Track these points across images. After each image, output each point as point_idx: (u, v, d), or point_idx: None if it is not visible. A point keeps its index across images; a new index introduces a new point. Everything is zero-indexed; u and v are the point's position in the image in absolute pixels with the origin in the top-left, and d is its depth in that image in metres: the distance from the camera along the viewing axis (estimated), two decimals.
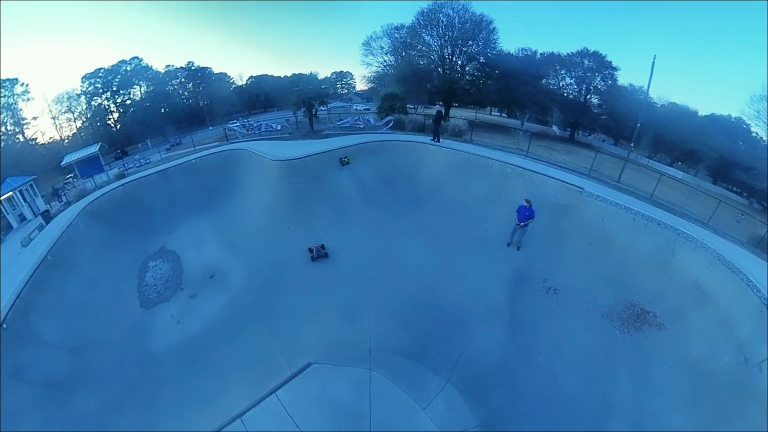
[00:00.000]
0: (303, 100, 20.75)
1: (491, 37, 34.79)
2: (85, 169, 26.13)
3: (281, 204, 13.22)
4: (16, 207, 19.25)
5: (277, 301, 9.69)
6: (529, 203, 9.58)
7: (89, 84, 47.27)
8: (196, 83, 55.52)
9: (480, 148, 14.37)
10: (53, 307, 9.68)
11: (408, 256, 10.65)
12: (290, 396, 6.10)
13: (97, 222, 14.13)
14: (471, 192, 12.30)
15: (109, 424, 7.09)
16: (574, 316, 8.34)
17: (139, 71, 50.28)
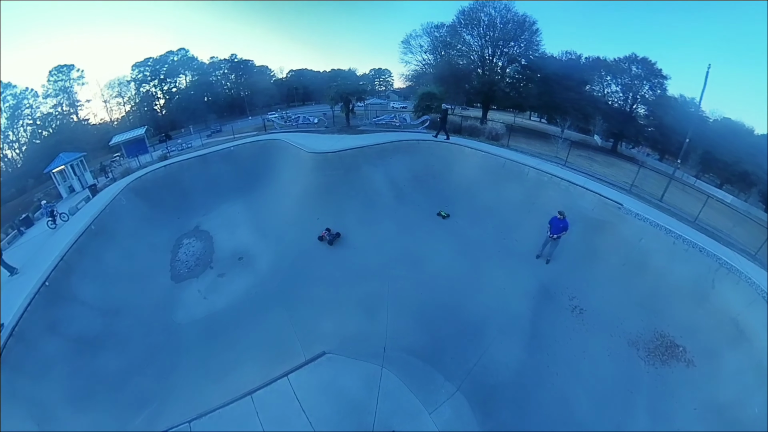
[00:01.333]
0: (341, 95, 21.22)
1: (534, 38, 33.79)
2: (131, 149, 28.27)
3: (313, 195, 13.74)
4: (67, 179, 21.41)
5: (300, 288, 10.08)
6: (562, 215, 9.23)
7: (138, 72, 52.03)
8: (238, 75, 58.70)
9: (516, 153, 13.98)
10: (92, 272, 10.66)
11: (433, 257, 10.63)
12: (301, 381, 6.26)
13: (139, 198, 15.42)
14: (504, 198, 12.05)
15: (130, 382, 7.74)
16: (598, 340, 7.94)
17: (185, 62, 54.41)
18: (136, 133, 31.22)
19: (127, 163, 24.62)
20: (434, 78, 33.90)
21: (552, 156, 15.23)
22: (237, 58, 57.92)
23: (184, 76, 54.97)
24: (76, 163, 21.94)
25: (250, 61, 59.34)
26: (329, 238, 11.88)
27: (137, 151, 26.34)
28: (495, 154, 13.17)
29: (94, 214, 13.17)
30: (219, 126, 39.04)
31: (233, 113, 54.19)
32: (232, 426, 5.25)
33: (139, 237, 13.21)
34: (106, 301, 9.97)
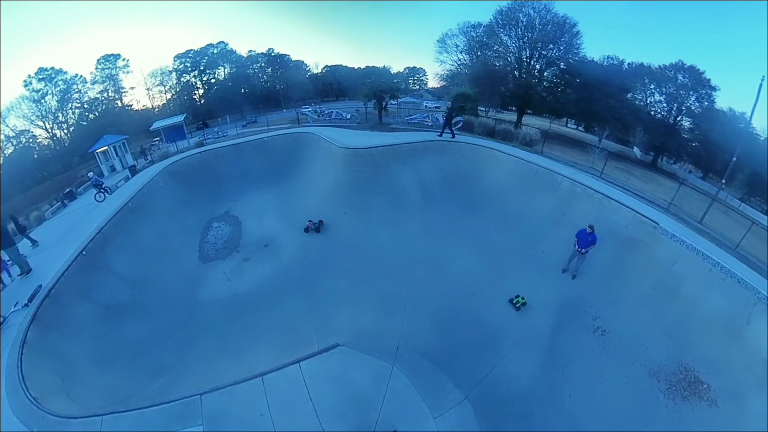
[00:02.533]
0: (374, 92, 21.48)
1: (574, 41, 32.62)
2: (169, 135, 29.89)
3: (341, 190, 14.07)
4: (109, 159, 23.19)
5: (321, 279, 10.39)
6: (591, 229, 8.84)
7: (180, 63, 55.70)
8: (274, 68, 61.25)
9: (550, 161, 13.53)
10: (125, 246, 11.49)
11: (456, 261, 10.55)
12: (312, 369, 6.38)
13: (174, 181, 16.47)
14: (534, 207, 11.73)
15: (150, 351, 8.31)
16: (617, 365, 7.55)
17: (224, 54, 57.58)
18: (176, 120, 33.08)
19: (165, 147, 26.05)
20: (469, 79, 33.76)
21: (587, 166, 14.62)
22: (274, 53, 60.45)
23: (223, 68, 58.11)
24: (119, 144, 23.73)
25: (287, 56, 61.67)
26: (314, 227, 12.72)
27: (175, 137, 27.83)
28: (527, 161, 12.84)
29: (132, 192, 14.26)
30: (254, 117, 40.46)
31: (268, 105, 56.29)
32: (240, 404, 5.45)
33: (172, 217, 14.12)
34: (136, 273, 10.75)
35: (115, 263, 10.66)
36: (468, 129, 18.10)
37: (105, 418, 5.25)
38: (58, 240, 11.76)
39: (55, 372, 6.84)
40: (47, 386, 6.28)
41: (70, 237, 11.51)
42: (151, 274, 10.97)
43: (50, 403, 5.70)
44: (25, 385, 5.98)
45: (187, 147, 23.01)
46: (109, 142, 23.36)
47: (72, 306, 8.53)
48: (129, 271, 10.70)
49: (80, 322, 8.36)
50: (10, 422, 5.41)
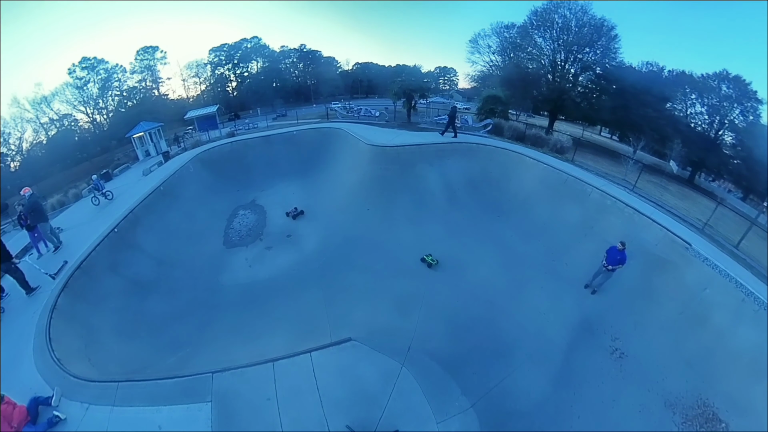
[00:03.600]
0: (404, 91, 21.43)
1: (611, 45, 30.94)
2: (202, 124, 31.23)
3: (366, 186, 14.26)
4: (145, 144, 24.45)
5: (340, 273, 10.57)
6: (623, 246, 8.45)
7: (215, 56, 58.62)
8: (306, 64, 63.23)
9: (580, 170, 13.07)
10: (155, 226, 12.17)
11: (477, 266, 10.42)
12: (322, 360, 6.46)
13: (205, 168, 17.29)
14: (560, 217, 11.38)
15: (170, 327, 8.78)
16: (632, 391, 7.16)
17: (258, 49, 59.92)
18: (209, 110, 34.54)
19: (198, 136, 27.25)
20: (501, 81, 32.81)
21: (619, 178, 13.94)
22: (306, 49, 62.27)
23: (256, 62, 60.32)
24: (154, 131, 24.95)
25: (318, 52, 63.47)
26: (293, 214, 13.89)
27: (208, 127, 28.99)
28: (557, 168, 12.49)
29: (164, 177, 15.02)
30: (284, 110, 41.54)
31: (299, 100, 57.87)
32: (249, 385, 5.61)
33: (201, 202, 14.87)
34: (163, 253, 11.39)
35: (144, 242, 11.34)
36: (497, 132, 17.81)
37: (121, 384, 5.57)
38: (93, 217, 12.58)
39: (80, 338, 7.32)
40: (71, 350, 6.74)
41: (104, 215, 12.28)
42: (177, 254, 11.61)
43: (72, 366, 6.13)
44: (51, 347, 6.45)
45: (219, 136, 23.92)
46: (145, 128, 24.72)
47: (101, 278, 9.14)
48: (156, 250, 11.36)
49: (107, 293, 8.95)
50: (34, 379, 5.85)
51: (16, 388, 5.43)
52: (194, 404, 5.22)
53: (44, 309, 7.39)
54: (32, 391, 5.43)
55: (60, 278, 8.35)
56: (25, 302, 7.97)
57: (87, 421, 5.16)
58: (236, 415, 5.17)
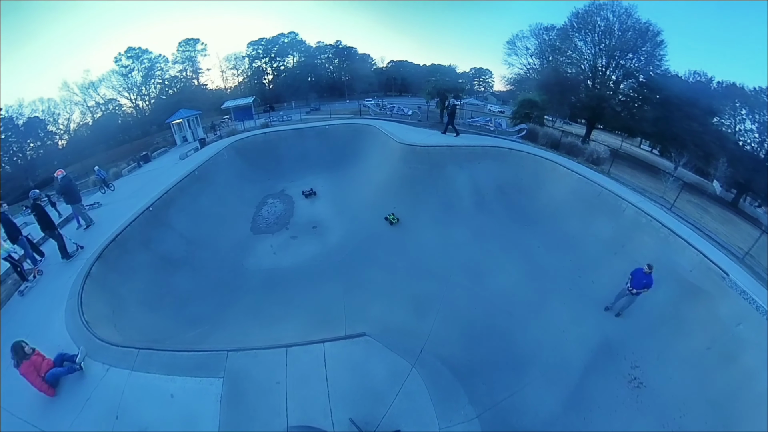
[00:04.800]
0: (438, 91, 21.29)
1: (657, 51, 28.77)
2: (238, 114, 32.55)
3: (394, 184, 14.39)
4: (183, 131, 25.87)
5: (361, 268, 10.75)
6: (650, 269, 7.95)
7: (253, 49, 61.19)
8: (341, 60, 64.40)
9: (616, 184, 12.45)
10: (187, 208, 12.88)
11: (499, 275, 10.23)
12: (334, 352, 6.53)
13: (239, 156, 18.10)
14: (591, 232, 10.94)
15: (192, 303, 9.25)
16: (646, 425, 6.73)
17: (294, 44, 62.02)
18: (245, 101, 35.93)
19: (233, 125, 28.44)
20: (538, 85, 31.64)
21: (657, 195, 13.13)
22: (342, 45, 63.58)
23: (292, 56, 62.50)
24: (192, 118, 26.37)
25: (354, 49, 64.57)
26: (307, 193, 15.21)
27: (243, 117, 30.21)
28: (591, 180, 11.98)
29: (200, 162, 15.86)
30: (318, 105, 42.45)
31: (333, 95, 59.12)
32: (261, 367, 5.76)
33: (232, 188, 15.59)
34: (193, 233, 12.06)
35: (176, 222, 12.03)
36: (532, 138, 17.36)
37: (141, 351, 5.92)
38: (130, 194, 13.48)
39: (108, 304, 7.87)
40: (99, 315, 7.24)
41: (140, 193, 13.14)
42: (206, 236, 12.24)
43: (98, 329, 6.60)
44: (81, 310, 7.00)
45: (253, 127, 24.80)
46: (184, 115, 26.19)
47: (133, 252, 9.80)
48: (187, 230, 12.03)
49: (137, 267, 9.56)
50: (62, 337, 6.42)
51: (45, 343, 5.91)
52: (207, 378, 5.44)
53: (79, 275, 8.05)
54: (60, 348, 5.95)
55: (96, 248, 9.02)
56: (61, 267, 8.77)
57: (106, 381, 5.58)
58: (245, 394, 5.34)
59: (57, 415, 5.26)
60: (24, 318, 7.41)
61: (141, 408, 5.20)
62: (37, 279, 8.75)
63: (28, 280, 8.62)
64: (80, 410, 5.28)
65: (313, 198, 15.64)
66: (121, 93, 52.63)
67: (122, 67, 51.86)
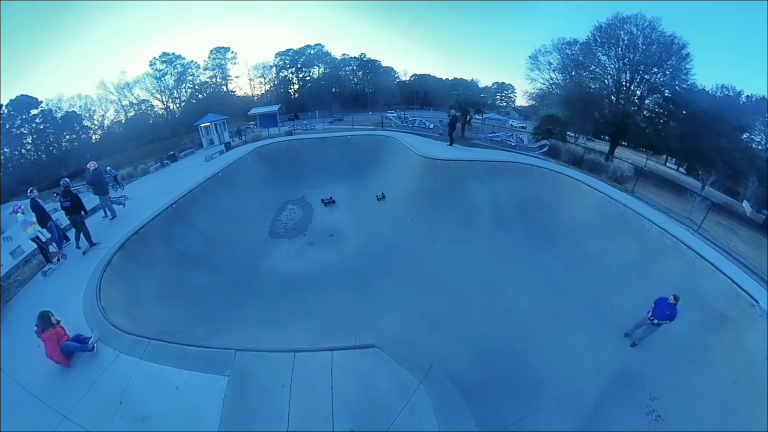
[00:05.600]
0: (459, 105, 21.28)
1: (682, 65, 27.86)
2: (264, 121, 33.48)
3: (413, 197, 14.40)
4: (210, 134, 26.84)
5: (375, 279, 10.70)
6: (675, 300, 7.48)
7: (280, 59, 64.07)
8: (365, 72, 66.63)
9: (640, 203, 12.04)
10: (209, 207, 13.27)
11: (516, 294, 9.98)
12: (342, 361, 6.46)
13: (262, 161, 18.59)
14: (612, 253, 10.55)
15: (206, 300, 9.39)
16: None
17: (320, 55, 64.58)
18: (271, 109, 36.96)
19: (258, 131, 29.29)
20: (560, 100, 31.25)
21: (683, 216, 12.54)
22: (366, 58, 65.82)
23: (318, 67, 64.98)
24: (219, 122, 27.34)
25: (378, 62, 66.76)
26: (325, 200, 15.37)
27: (268, 124, 31.05)
28: (615, 199, 11.62)
29: (224, 165, 16.39)
30: (341, 115, 43.21)
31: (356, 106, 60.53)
32: (267, 369, 5.76)
33: (253, 192, 15.99)
34: (212, 232, 12.40)
35: (198, 220, 12.40)
36: (554, 155, 17.07)
37: (151, 342, 6.06)
38: (156, 191, 13.99)
39: (125, 294, 8.14)
40: (115, 302, 7.52)
41: (165, 190, 13.64)
42: (225, 236, 12.55)
43: (113, 316, 6.82)
44: (99, 296, 7.29)
45: (278, 134, 25.52)
46: (212, 119, 27.22)
47: (154, 246, 10.17)
48: (207, 229, 12.37)
49: (157, 260, 9.89)
50: (78, 320, 6.71)
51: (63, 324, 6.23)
52: (213, 375, 5.49)
53: (100, 262, 8.48)
54: (75, 329, 6.27)
55: (119, 239, 9.46)
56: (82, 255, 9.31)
57: (115, 366, 5.77)
58: (248, 394, 5.34)
59: (64, 393, 5.50)
60: (44, 298, 7.78)
61: (145, 396, 5.31)
62: (61, 262, 9.31)
63: (52, 262, 9.22)
64: (87, 391, 5.48)
65: (331, 206, 15.82)
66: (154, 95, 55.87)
67: (156, 71, 55.20)
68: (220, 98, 56.94)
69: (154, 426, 4.96)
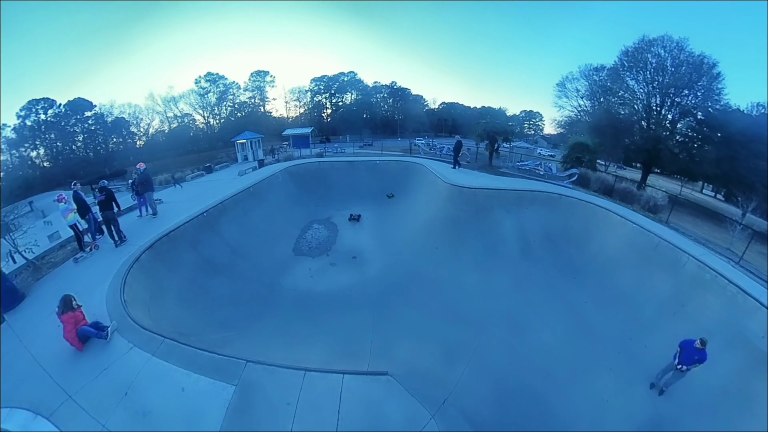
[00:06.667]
0: (487, 133, 21.18)
1: (714, 85, 26.45)
2: (296, 142, 34.86)
3: (438, 224, 14.28)
4: (245, 150, 28.38)
5: (395, 304, 10.47)
6: (703, 345, 6.76)
7: (315, 85, 68.33)
8: (395, 99, 69.72)
9: (676, 234, 11.20)
10: (238, 219, 13.73)
11: (539, 328, 9.42)
12: (352, 385, 6.21)
13: (292, 180, 19.29)
14: (646, 288, 9.78)
15: (224, 309, 9.50)
16: None
17: (353, 82, 68.25)
18: (304, 131, 38.61)
19: (291, 151, 30.44)
20: (589, 128, 30.59)
21: (723, 247, 11.50)
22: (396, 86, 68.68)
23: (350, 93, 68.62)
24: (255, 140, 28.99)
25: (408, 90, 69.65)
26: (353, 216, 16.03)
27: (301, 145, 32.27)
28: (648, 230, 10.91)
29: (256, 180, 17.15)
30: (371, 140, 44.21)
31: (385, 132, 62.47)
32: (275, 384, 5.60)
33: (281, 209, 16.50)
34: (238, 243, 12.74)
35: (226, 230, 12.84)
36: (583, 184, 16.50)
37: (166, 340, 6.15)
38: (189, 199, 14.75)
39: (148, 291, 8.41)
40: (137, 298, 7.77)
41: (198, 199, 14.34)
42: (250, 248, 12.84)
43: (133, 310, 7.06)
44: (123, 289, 7.59)
45: (309, 155, 26.45)
46: (248, 137, 28.86)
47: (181, 249, 10.61)
48: (234, 240, 12.74)
49: (182, 263, 10.23)
50: (100, 309, 7.00)
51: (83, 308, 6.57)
52: (220, 382, 5.43)
53: (129, 258, 8.95)
54: (95, 317, 6.54)
55: (150, 239, 10.01)
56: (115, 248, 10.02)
57: (127, 358, 5.90)
58: (253, 407, 5.20)
59: (74, 374, 5.71)
60: (71, 282, 8.34)
61: (150, 392, 5.33)
62: (93, 252, 9.96)
63: (85, 251, 9.89)
64: (95, 376, 5.63)
65: (356, 227, 15.90)
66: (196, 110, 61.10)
67: (201, 88, 60.61)
68: (257, 118, 60.83)
69: (154, 423, 4.93)
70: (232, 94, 63.23)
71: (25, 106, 49.30)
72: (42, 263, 9.81)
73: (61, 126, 51.05)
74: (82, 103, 52.27)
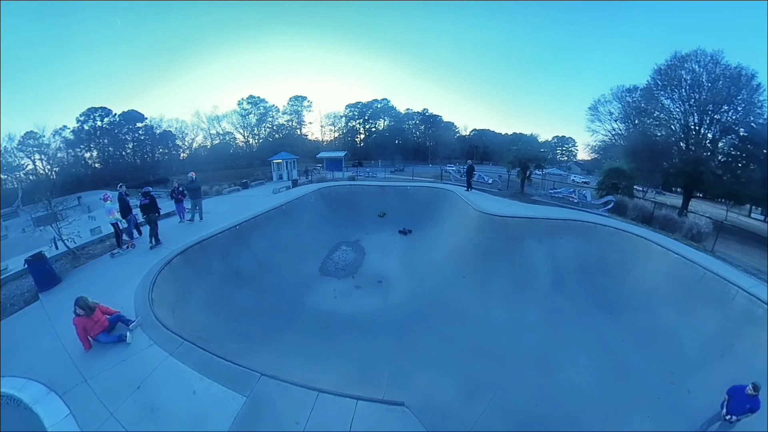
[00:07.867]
0: (519, 160, 20.84)
1: (755, 98, 24.20)
2: (330, 164, 35.85)
3: (467, 252, 13.98)
4: (280, 170, 29.65)
5: (417, 333, 10.12)
6: (756, 390, 5.91)
7: (350, 110, 72.04)
8: (427, 126, 71.81)
9: (722, 264, 10.17)
10: (268, 235, 14.21)
11: (570, 368, 8.71)
12: (366, 413, 5.92)
13: (323, 201, 19.85)
14: (690, 325, 8.88)
15: (246, 320, 9.66)
16: None
17: (386, 109, 71.18)
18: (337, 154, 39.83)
19: (324, 173, 31.41)
20: (625, 152, 29.09)
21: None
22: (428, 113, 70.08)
23: (383, 120, 71.61)
24: (290, 161, 30.24)
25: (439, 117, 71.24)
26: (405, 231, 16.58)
27: (334, 168, 33.21)
28: (691, 261, 10.04)
29: (288, 199, 17.84)
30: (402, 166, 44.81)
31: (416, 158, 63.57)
32: (286, 402, 5.46)
33: (311, 228, 16.94)
34: (266, 258, 13.10)
35: (256, 244, 13.27)
36: (620, 212, 15.63)
37: (185, 342, 6.32)
38: (225, 211, 15.46)
39: (175, 293, 8.78)
40: (164, 298, 8.12)
41: (233, 212, 14.99)
42: (278, 264, 13.13)
43: (158, 309, 7.36)
44: (152, 288, 8.04)
45: (341, 178, 27.27)
46: (284, 157, 30.22)
47: (211, 258, 11.11)
48: (262, 254, 13.12)
49: (211, 271, 10.68)
50: (127, 303, 7.40)
51: (111, 300, 7.08)
52: (232, 391, 5.42)
53: (162, 259, 9.58)
54: (122, 310, 6.90)
55: (183, 244, 10.67)
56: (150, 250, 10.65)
57: (145, 354, 6.12)
58: (260, 421, 5.06)
59: (93, 360, 5.99)
60: (105, 275, 9.11)
61: (162, 390, 5.39)
62: (129, 250, 10.69)
63: (122, 248, 10.71)
64: (113, 366, 5.85)
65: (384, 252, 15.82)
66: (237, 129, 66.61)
67: (243, 109, 66.18)
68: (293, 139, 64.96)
69: (161, 420, 4.94)
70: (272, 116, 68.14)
71: (84, 113, 56.39)
72: (81, 253, 10.68)
73: (114, 133, 57.54)
74: (135, 114, 58.64)
